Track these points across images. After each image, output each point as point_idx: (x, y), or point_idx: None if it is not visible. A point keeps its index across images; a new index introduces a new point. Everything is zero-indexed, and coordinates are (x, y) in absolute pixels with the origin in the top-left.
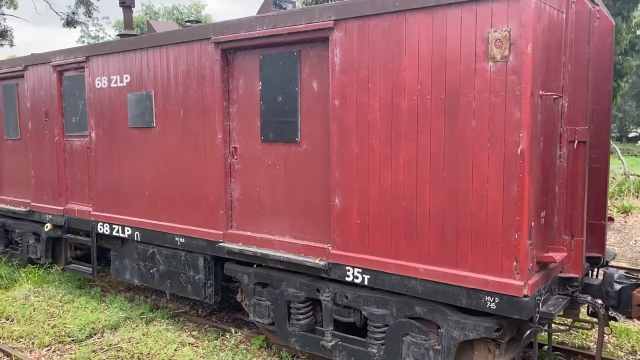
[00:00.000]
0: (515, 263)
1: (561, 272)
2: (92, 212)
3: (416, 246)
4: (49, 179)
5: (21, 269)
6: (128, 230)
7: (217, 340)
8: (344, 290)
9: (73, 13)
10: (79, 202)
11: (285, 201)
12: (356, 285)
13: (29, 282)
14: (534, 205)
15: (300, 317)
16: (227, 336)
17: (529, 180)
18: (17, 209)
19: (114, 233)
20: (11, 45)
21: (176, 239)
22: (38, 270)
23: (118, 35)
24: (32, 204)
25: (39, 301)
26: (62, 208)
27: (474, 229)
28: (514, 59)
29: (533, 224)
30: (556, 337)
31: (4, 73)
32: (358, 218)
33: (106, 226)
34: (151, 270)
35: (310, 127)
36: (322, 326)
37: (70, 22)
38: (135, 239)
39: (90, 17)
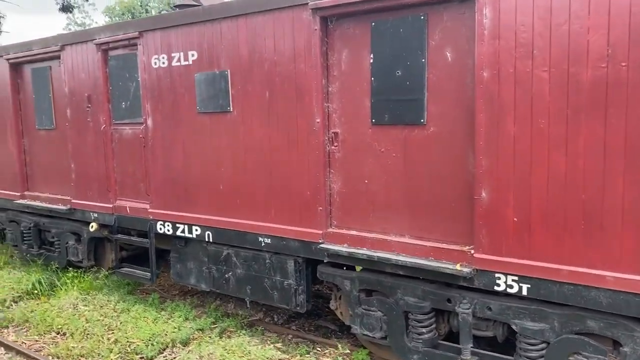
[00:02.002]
0: None
1: None
2: (150, 210)
3: (601, 249)
4: (94, 173)
5: (61, 273)
6: (197, 230)
7: (309, 354)
8: (486, 300)
9: None
10: (131, 198)
11: (404, 195)
12: (502, 294)
13: (75, 288)
14: None
15: (423, 330)
16: (319, 349)
17: None
18: (55, 207)
19: (178, 233)
20: None
21: (260, 239)
22: (83, 274)
23: (176, 6)
24: (72, 201)
25: (89, 311)
26: (110, 205)
27: None
28: None
29: None
30: None
31: (35, 55)
32: (515, 215)
33: (168, 225)
34: (226, 275)
35: (440, 105)
36: (446, 340)
37: (66, 7)
38: (206, 239)
39: (87, 0)
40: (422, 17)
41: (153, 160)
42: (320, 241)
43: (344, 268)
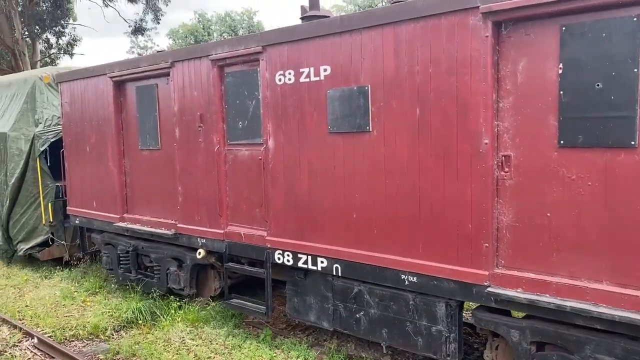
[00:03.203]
0: None
1: None
2: (268, 238)
3: None
4: (204, 196)
5: (159, 300)
6: (322, 262)
7: None
8: None
9: (141, 20)
10: (245, 224)
11: (603, 232)
12: None
13: (180, 319)
14: None
15: None
16: None
17: None
18: (158, 231)
19: (300, 264)
20: (71, 56)
21: (402, 276)
22: (188, 304)
23: (302, 18)
24: (178, 225)
25: (197, 345)
26: (222, 231)
27: None
28: None
29: None
30: None
31: (142, 72)
32: None
33: (288, 255)
34: (356, 315)
35: None
36: None
37: (137, 29)
38: (333, 273)
39: (158, 23)
40: (634, 19)
41: (273, 184)
42: (485, 283)
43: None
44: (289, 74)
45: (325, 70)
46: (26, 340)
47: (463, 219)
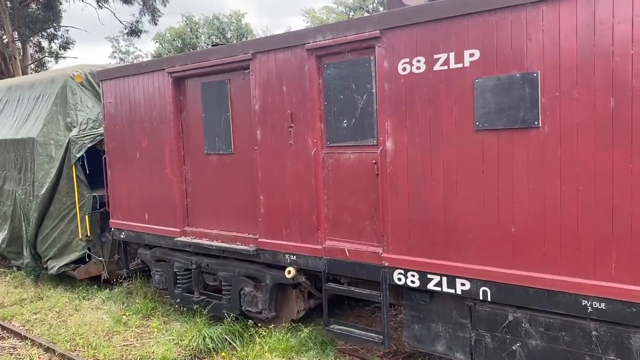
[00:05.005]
0: None
1: None
2: (384, 255)
3: None
4: (294, 206)
5: (235, 325)
6: (463, 285)
7: None
8: None
9: (137, 22)
10: (349, 239)
11: None
12: None
13: (267, 348)
14: None
15: None
16: None
17: None
18: (233, 246)
19: (430, 286)
20: (57, 60)
21: (584, 302)
22: (275, 330)
23: None
24: (260, 240)
25: None
26: (319, 247)
27: None
28: None
29: None
30: None
31: (210, 66)
32: None
33: (412, 276)
34: (511, 346)
35: None
36: None
37: (133, 32)
38: (480, 297)
39: (156, 24)
40: None
41: (392, 193)
42: None
43: None
44: (418, 61)
45: (471, 55)
46: None
47: None
